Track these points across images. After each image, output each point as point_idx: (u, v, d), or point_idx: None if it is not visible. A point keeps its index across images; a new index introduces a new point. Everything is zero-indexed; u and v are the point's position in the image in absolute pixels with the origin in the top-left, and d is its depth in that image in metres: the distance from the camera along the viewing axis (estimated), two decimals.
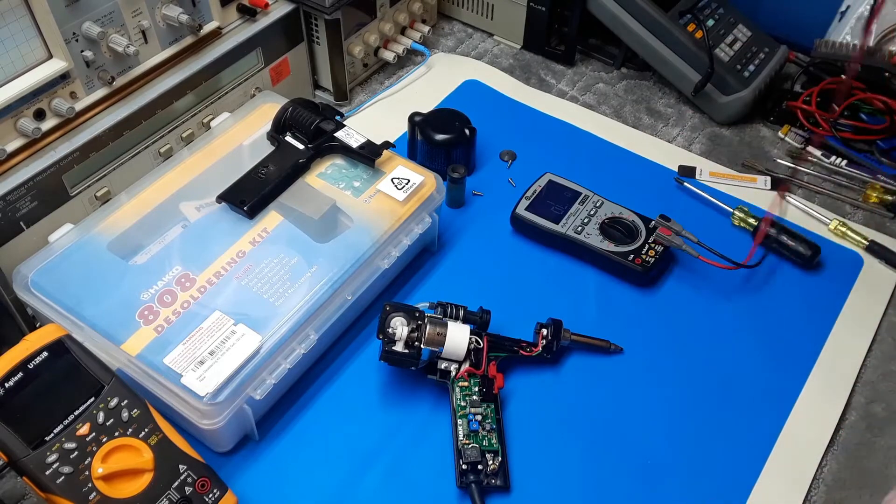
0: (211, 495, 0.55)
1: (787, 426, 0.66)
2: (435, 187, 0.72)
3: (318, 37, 0.89)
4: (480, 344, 0.65)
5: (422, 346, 0.63)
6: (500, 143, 0.89)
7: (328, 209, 0.69)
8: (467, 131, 0.82)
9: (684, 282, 0.76)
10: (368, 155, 0.72)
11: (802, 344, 0.71)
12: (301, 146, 0.73)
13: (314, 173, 0.72)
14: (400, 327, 0.63)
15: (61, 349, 0.55)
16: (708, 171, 0.87)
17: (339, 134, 0.73)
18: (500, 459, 0.60)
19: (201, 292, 0.62)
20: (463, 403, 0.63)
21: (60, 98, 0.67)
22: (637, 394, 0.67)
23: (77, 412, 0.53)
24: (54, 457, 0.51)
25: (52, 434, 0.52)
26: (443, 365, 0.64)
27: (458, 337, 0.63)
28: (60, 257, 0.63)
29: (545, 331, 0.67)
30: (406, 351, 0.63)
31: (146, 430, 0.55)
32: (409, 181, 0.72)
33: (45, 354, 0.54)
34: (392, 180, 0.72)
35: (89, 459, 0.52)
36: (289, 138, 0.73)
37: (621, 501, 0.61)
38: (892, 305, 0.75)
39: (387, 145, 0.73)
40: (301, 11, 0.86)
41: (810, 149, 0.90)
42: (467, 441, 0.61)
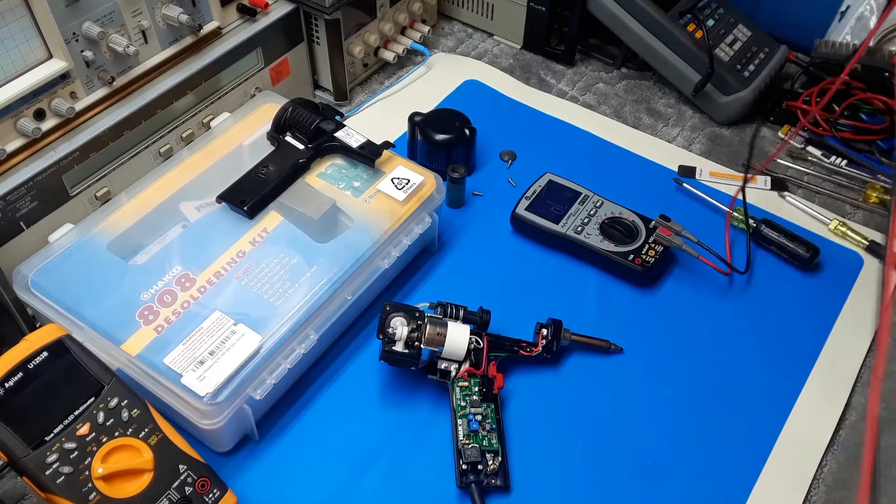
0: (211, 495, 0.55)
1: (787, 426, 0.66)
2: (435, 187, 0.72)
3: (318, 37, 0.89)
4: (480, 344, 0.65)
5: (422, 346, 0.63)
6: (500, 143, 0.89)
7: (328, 209, 0.69)
8: (467, 131, 0.82)
9: (684, 282, 0.76)
10: (368, 155, 0.72)
11: (802, 344, 0.71)
12: (301, 146, 0.73)
13: (314, 173, 0.72)
14: (400, 327, 0.63)
15: (61, 349, 0.55)
16: (708, 171, 0.87)
17: (339, 134, 0.73)
18: (500, 459, 0.60)
19: (201, 292, 0.62)
20: (463, 403, 0.63)
21: (60, 98, 0.67)
22: (637, 394, 0.67)
23: (77, 412, 0.53)
24: (54, 457, 0.51)
25: (52, 434, 0.52)
26: (443, 365, 0.64)
27: (458, 337, 0.63)
28: (60, 257, 0.63)
29: (545, 331, 0.67)
30: (406, 351, 0.63)
31: (146, 430, 0.55)
32: (409, 181, 0.72)
33: (45, 354, 0.54)
34: (392, 180, 0.72)
35: (89, 459, 0.52)
36: (289, 138, 0.73)
37: (621, 501, 0.61)
38: (893, 305, 0.75)
39: (387, 145, 0.73)
40: (301, 11, 0.86)
41: (810, 149, 0.90)
42: (467, 441, 0.61)
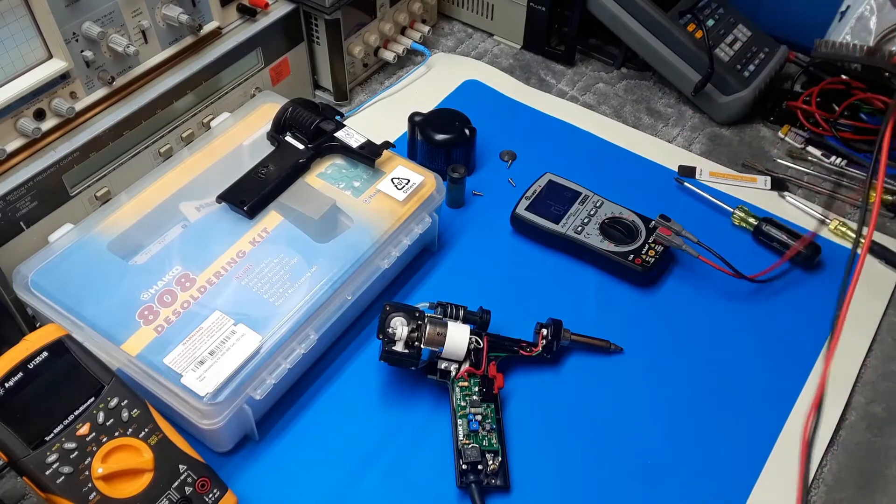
0: (211, 495, 0.55)
1: (787, 426, 0.66)
2: (435, 187, 0.72)
3: (318, 37, 0.89)
4: (480, 344, 0.65)
5: (422, 346, 0.63)
6: (500, 143, 0.89)
7: (328, 209, 0.69)
8: (467, 131, 0.82)
9: (684, 282, 0.76)
10: (368, 155, 0.72)
11: (802, 344, 0.71)
12: (301, 146, 0.73)
13: (314, 173, 0.72)
14: (400, 327, 0.63)
15: (61, 349, 0.55)
16: (708, 171, 0.87)
17: (339, 134, 0.73)
18: (500, 459, 0.60)
19: (201, 292, 0.62)
20: (463, 403, 0.63)
21: (60, 98, 0.67)
22: (637, 394, 0.67)
23: (77, 412, 0.53)
24: (54, 457, 0.51)
25: (52, 434, 0.52)
26: (443, 365, 0.64)
27: (458, 337, 0.63)
28: (60, 257, 0.63)
29: (545, 331, 0.67)
30: (406, 351, 0.63)
31: (146, 430, 0.55)
32: (409, 181, 0.72)
33: (45, 354, 0.54)
34: (392, 180, 0.72)
35: (89, 459, 0.52)
36: (289, 138, 0.73)
37: (621, 501, 0.61)
38: (892, 305, 0.75)
39: (387, 145, 0.73)
40: (301, 11, 0.86)
41: (810, 149, 0.90)
42: (467, 441, 0.61)
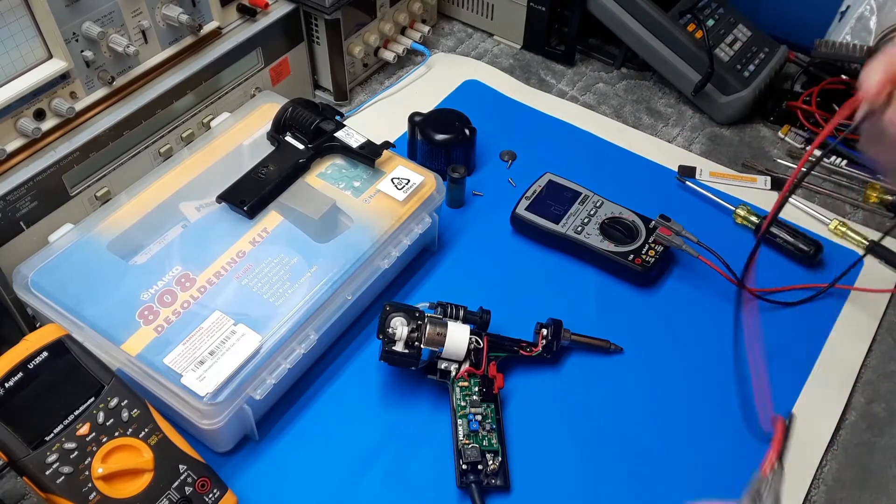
0: (211, 495, 0.55)
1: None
2: (435, 187, 0.72)
3: (318, 37, 0.89)
4: (480, 344, 0.65)
5: (422, 346, 0.63)
6: (500, 143, 0.89)
7: (328, 209, 0.69)
8: (467, 131, 0.82)
9: (684, 282, 0.76)
10: (368, 155, 0.72)
11: (802, 343, 0.71)
12: (301, 146, 0.73)
13: (314, 173, 0.72)
14: (400, 327, 0.63)
15: (61, 349, 0.55)
16: (708, 171, 0.86)
17: (339, 134, 0.73)
18: (500, 459, 0.60)
19: (201, 292, 0.62)
20: (463, 403, 0.63)
21: (60, 98, 0.67)
22: (637, 394, 0.67)
23: (77, 412, 0.53)
24: (54, 457, 0.51)
25: (52, 434, 0.52)
26: (443, 365, 0.64)
27: (458, 337, 0.63)
28: (60, 257, 0.63)
29: (545, 331, 0.67)
30: (406, 351, 0.63)
31: (146, 430, 0.55)
32: (409, 181, 0.72)
33: (45, 354, 0.54)
34: (392, 180, 0.72)
35: (89, 459, 0.52)
36: (289, 138, 0.73)
37: (621, 501, 0.61)
38: (892, 305, 0.75)
39: (387, 145, 0.73)
40: (301, 11, 0.86)
41: (809, 148, 0.90)
42: (467, 441, 0.61)
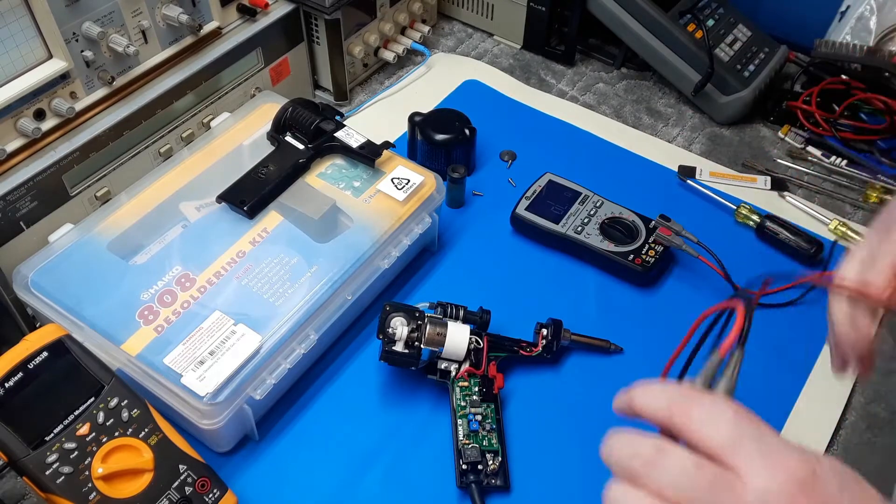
0: (211, 495, 0.55)
1: (787, 426, 0.66)
2: (435, 187, 0.72)
3: (318, 37, 0.89)
4: (480, 344, 0.65)
5: (422, 346, 0.63)
6: (500, 143, 0.89)
7: (328, 209, 0.69)
8: (467, 131, 0.82)
9: (684, 282, 0.76)
10: (368, 155, 0.72)
11: (802, 343, 0.71)
12: (301, 146, 0.73)
13: (314, 173, 0.72)
14: (400, 327, 0.63)
15: (61, 349, 0.55)
16: (708, 172, 0.86)
17: (339, 134, 0.73)
18: (500, 459, 0.60)
19: (201, 292, 0.62)
20: (463, 403, 0.63)
21: (60, 98, 0.67)
22: None
23: (77, 412, 0.53)
24: (54, 457, 0.51)
25: (52, 434, 0.52)
26: (443, 365, 0.64)
27: (458, 337, 0.63)
28: (60, 257, 0.63)
29: (545, 331, 0.67)
30: (406, 351, 0.63)
31: (146, 430, 0.55)
32: (409, 181, 0.72)
33: (45, 354, 0.54)
34: (392, 180, 0.72)
35: (89, 459, 0.52)
36: (289, 138, 0.73)
37: None
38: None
39: (387, 145, 0.73)
40: (301, 11, 0.86)
41: (810, 149, 0.90)
42: (467, 441, 0.61)
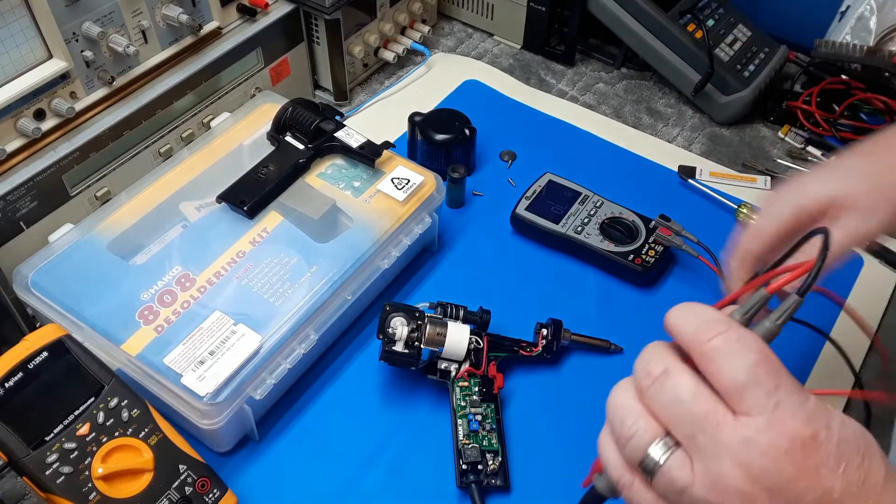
0: (211, 495, 0.55)
1: None
2: (435, 187, 0.72)
3: (318, 37, 0.89)
4: (480, 344, 0.65)
5: (422, 346, 0.63)
6: (500, 143, 0.89)
7: (328, 209, 0.69)
8: (467, 131, 0.82)
9: (684, 282, 0.76)
10: (368, 155, 0.72)
11: (802, 342, 0.71)
12: (301, 146, 0.73)
13: (314, 173, 0.72)
14: (400, 327, 0.63)
15: (61, 349, 0.55)
16: (708, 171, 0.86)
17: (339, 134, 0.73)
18: (500, 459, 0.60)
19: (201, 292, 0.62)
20: (463, 403, 0.63)
21: (60, 98, 0.67)
22: None
23: (77, 412, 0.53)
24: (54, 457, 0.51)
25: (52, 434, 0.52)
26: (443, 365, 0.64)
27: (458, 337, 0.63)
28: (60, 257, 0.63)
29: (545, 331, 0.67)
30: (406, 351, 0.63)
31: (146, 430, 0.55)
32: (409, 181, 0.72)
33: (45, 354, 0.54)
34: (392, 180, 0.72)
35: (89, 459, 0.52)
36: (289, 138, 0.73)
37: (621, 501, 0.61)
38: (893, 305, 0.75)
39: (387, 145, 0.73)
40: (301, 11, 0.86)
41: (810, 149, 0.90)
42: (467, 441, 0.61)
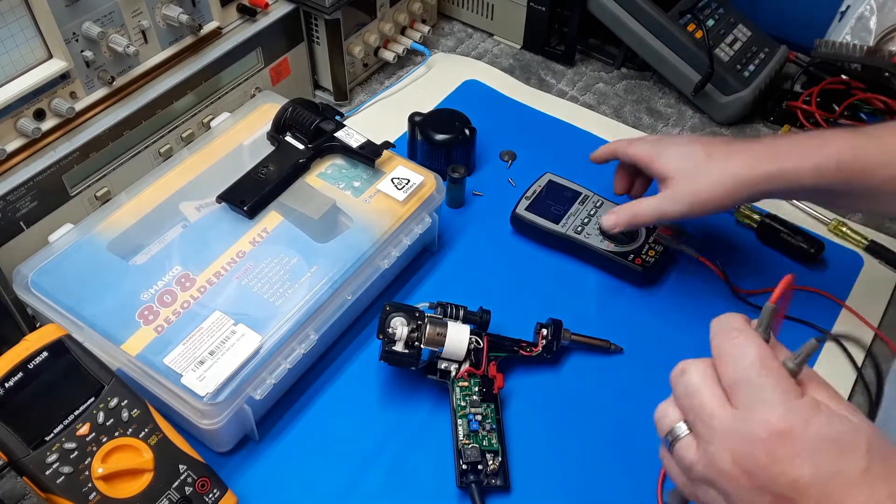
0: (211, 495, 0.55)
1: None
2: (435, 187, 0.72)
3: (318, 37, 0.89)
4: (480, 344, 0.65)
5: (422, 346, 0.63)
6: (500, 143, 0.89)
7: (328, 209, 0.69)
8: (467, 131, 0.82)
9: (684, 282, 0.76)
10: (368, 155, 0.72)
11: (802, 342, 0.71)
12: (301, 146, 0.73)
13: (314, 173, 0.72)
14: (400, 327, 0.63)
15: (61, 349, 0.55)
16: None
17: (339, 134, 0.73)
18: (500, 459, 0.60)
19: (201, 292, 0.62)
20: (463, 403, 0.63)
21: (60, 98, 0.67)
22: (637, 394, 0.67)
23: (77, 412, 0.53)
24: (54, 457, 0.51)
25: (52, 434, 0.52)
26: (443, 365, 0.64)
27: (458, 337, 0.63)
28: (60, 257, 0.63)
29: (545, 331, 0.67)
30: (406, 351, 0.63)
31: (146, 430, 0.55)
32: (409, 181, 0.72)
33: (45, 354, 0.54)
34: (392, 180, 0.72)
35: (89, 459, 0.52)
36: (289, 138, 0.73)
37: (621, 501, 0.61)
38: (892, 305, 0.75)
39: (387, 145, 0.73)
40: (301, 11, 0.86)
41: None
42: (467, 441, 0.61)
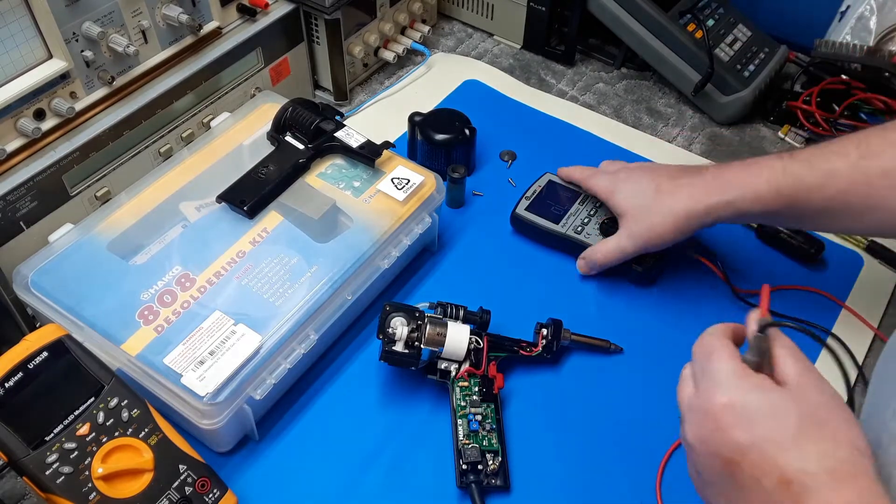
0: (211, 495, 0.55)
1: None
2: (435, 187, 0.72)
3: (318, 37, 0.89)
4: (480, 344, 0.65)
5: (422, 346, 0.63)
6: (500, 143, 0.89)
7: (328, 209, 0.69)
8: (467, 131, 0.82)
9: (684, 282, 0.76)
10: (368, 155, 0.72)
11: (803, 342, 0.71)
12: (301, 146, 0.73)
13: (314, 173, 0.72)
14: (400, 327, 0.63)
15: (61, 349, 0.55)
16: None
17: (339, 134, 0.73)
18: (500, 459, 0.60)
19: (201, 292, 0.62)
20: (463, 403, 0.63)
21: (60, 98, 0.67)
22: (637, 394, 0.67)
23: (77, 412, 0.53)
24: (54, 457, 0.51)
25: (52, 434, 0.52)
26: (443, 365, 0.64)
27: (458, 337, 0.63)
28: (60, 257, 0.63)
29: (545, 331, 0.67)
30: (406, 351, 0.63)
31: (146, 430, 0.55)
32: (409, 181, 0.72)
33: (45, 354, 0.54)
34: (392, 180, 0.72)
35: (89, 459, 0.52)
36: (289, 138, 0.73)
37: (621, 501, 0.61)
38: (892, 305, 0.75)
39: (387, 145, 0.73)
40: (301, 11, 0.86)
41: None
42: (467, 441, 0.61)
